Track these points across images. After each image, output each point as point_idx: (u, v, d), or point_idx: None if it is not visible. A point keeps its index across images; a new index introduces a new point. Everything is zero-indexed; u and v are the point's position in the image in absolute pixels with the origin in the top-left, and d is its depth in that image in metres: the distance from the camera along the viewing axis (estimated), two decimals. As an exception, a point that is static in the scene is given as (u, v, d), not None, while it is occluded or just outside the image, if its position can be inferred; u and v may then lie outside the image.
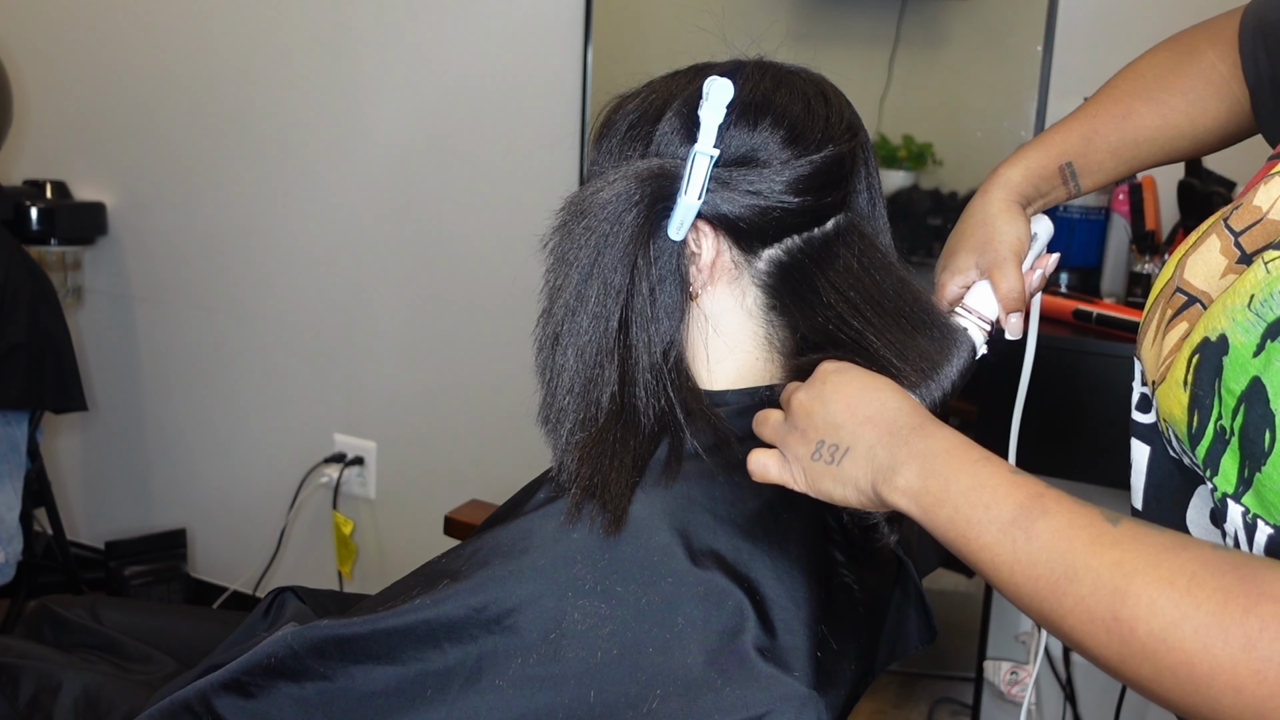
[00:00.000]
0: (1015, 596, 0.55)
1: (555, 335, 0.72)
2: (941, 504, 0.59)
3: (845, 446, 0.65)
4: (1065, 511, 0.54)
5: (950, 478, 0.59)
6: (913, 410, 0.65)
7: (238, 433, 2.33)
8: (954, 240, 0.87)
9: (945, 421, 0.66)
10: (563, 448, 0.72)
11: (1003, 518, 0.55)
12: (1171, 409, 0.60)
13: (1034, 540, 0.54)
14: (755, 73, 0.75)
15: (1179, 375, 0.60)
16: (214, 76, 2.19)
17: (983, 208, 0.86)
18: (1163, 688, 0.48)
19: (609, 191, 0.70)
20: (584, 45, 1.82)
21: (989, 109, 1.63)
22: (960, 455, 0.60)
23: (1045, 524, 0.54)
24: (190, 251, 2.29)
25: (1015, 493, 0.56)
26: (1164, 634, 0.48)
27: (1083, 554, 0.52)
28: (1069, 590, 0.52)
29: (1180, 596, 0.48)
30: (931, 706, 1.90)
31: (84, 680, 0.95)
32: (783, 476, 0.69)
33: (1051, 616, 0.53)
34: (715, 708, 0.62)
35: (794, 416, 0.68)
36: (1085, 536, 0.52)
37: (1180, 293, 0.64)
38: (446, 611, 0.66)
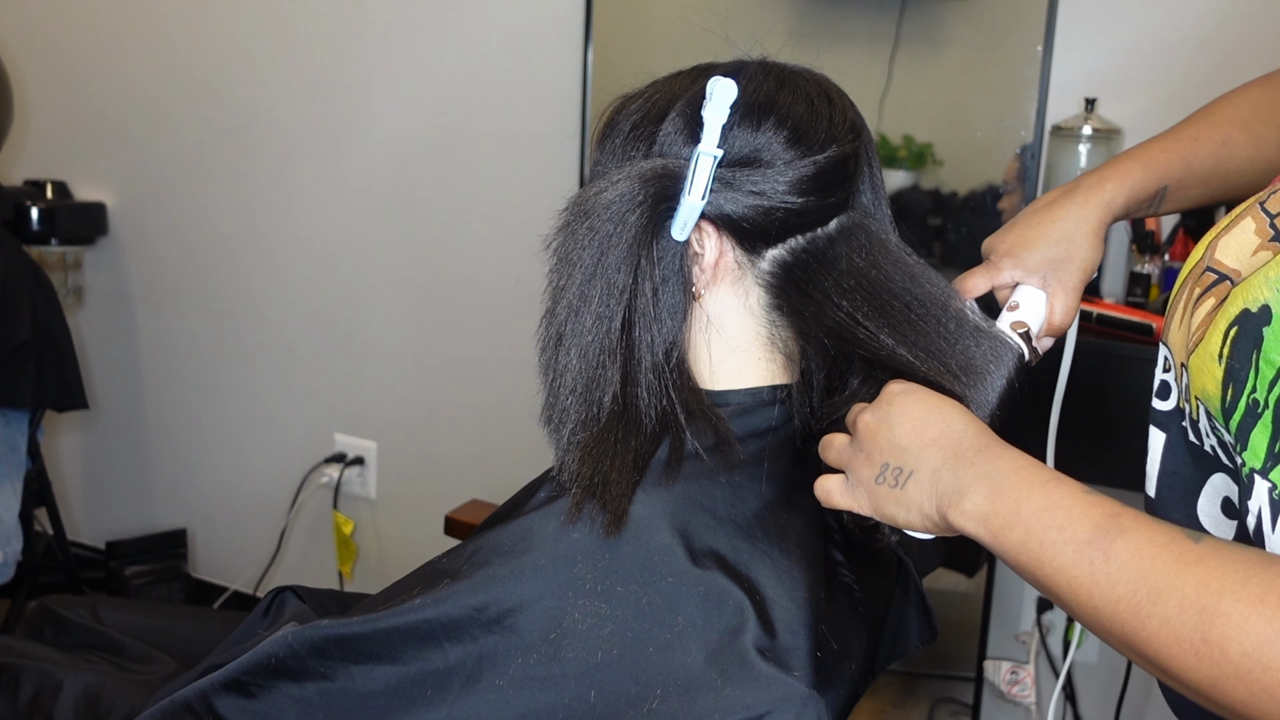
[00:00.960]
0: (1094, 621, 0.53)
1: (558, 335, 0.72)
2: (1012, 527, 0.57)
3: (909, 470, 0.64)
4: (1144, 530, 0.52)
5: (1021, 499, 0.57)
6: (979, 432, 0.63)
7: (238, 433, 2.33)
8: (1028, 234, 0.82)
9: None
10: (564, 447, 0.72)
11: (1078, 538, 0.54)
12: (1205, 384, 0.59)
13: (1113, 561, 0.52)
14: (759, 73, 0.75)
15: (1213, 349, 0.58)
16: (215, 77, 2.19)
17: (1076, 220, 0.81)
18: (1259, 711, 0.47)
19: (612, 192, 0.70)
20: (584, 45, 1.82)
21: (989, 109, 1.63)
22: (1030, 476, 0.58)
23: (1124, 543, 0.52)
24: (191, 251, 2.29)
25: (1091, 512, 0.54)
26: (1258, 654, 0.46)
27: (1166, 573, 0.50)
28: (1153, 612, 0.50)
29: (1272, 613, 0.46)
30: (932, 706, 1.90)
31: (84, 680, 0.95)
32: (846, 501, 0.68)
33: (1134, 641, 0.51)
34: (715, 707, 0.62)
35: (860, 439, 0.67)
36: (1167, 555, 0.50)
37: (1210, 271, 0.63)
38: (447, 611, 0.66)
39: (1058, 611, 1.72)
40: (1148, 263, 1.47)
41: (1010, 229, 0.83)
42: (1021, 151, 1.59)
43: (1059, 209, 0.82)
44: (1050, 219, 0.82)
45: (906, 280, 0.74)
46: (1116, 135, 1.53)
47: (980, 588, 1.71)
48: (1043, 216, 0.82)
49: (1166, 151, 0.83)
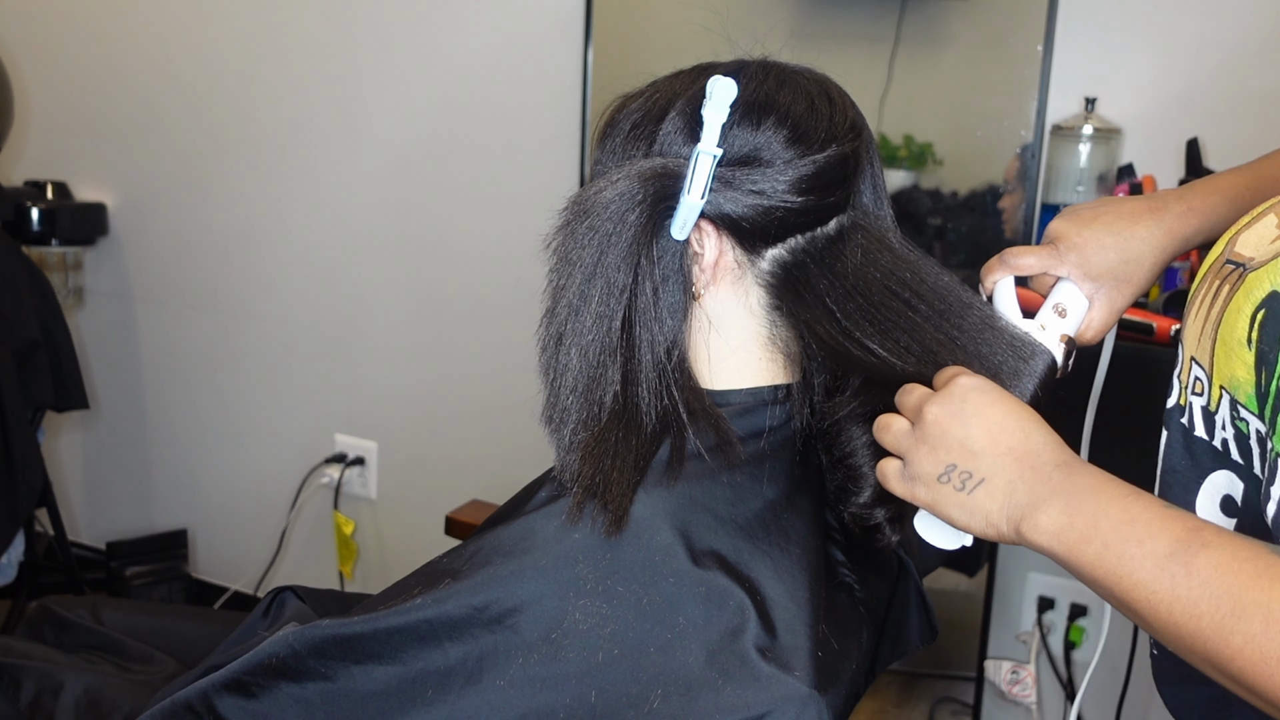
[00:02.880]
0: (1175, 637, 0.52)
1: (559, 335, 0.72)
2: (1089, 540, 0.56)
3: (981, 476, 0.62)
4: (1227, 544, 0.51)
5: (1099, 513, 0.56)
6: (1057, 446, 0.61)
7: (239, 433, 2.33)
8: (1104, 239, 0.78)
9: None
10: (565, 447, 0.72)
11: (1159, 552, 0.52)
12: (1234, 370, 0.58)
13: (1194, 575, 0.51)
14: (759, 72, 0.75)
15: (1240, 334, 0.58)
16: (215, 77, 2.19)
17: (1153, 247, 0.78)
18: None
19: (612, 191, 0.70)
20: (584, 45, 1.82)
21: (989, 109, 1.63)
22: (1108, 491, 0.57)
23: (1206, 557, 0.51)
24: (191, 252, 2.29)
25: (1171, 526, 0.53)
26: None
27: (1250, 588, 0.49)
28: (1237, 628, 0.48)
29: None
30: (932, 706, 1.90)
31: (85, 681, 0.95)
32: (902, 489, 0.66)
33: (1218, 658, 0.50)
34: (716, 707, 0.62)
35: (925, 430, 0.64)
36: (1251, 570, 0.49)
37: (1230, 264, 0.63)
38: (448, 611, 0.66)
39: (1058, 611, 1.72)
40: (1148, 262, 1.47)
41: (1085, 223, 0.79)
42: (1022, 151, 1.59)
43: (1141, 226, 0.78)
44: (1131, 233, 0.78)
45: (909, 278, 0.74)
46: (1116, 135, 1.53)
47: (981, 587, 1.71)
48: (1124, 227, 0.78)
49: (1250, 189, 0.80)
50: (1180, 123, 1.51)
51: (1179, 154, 1.48)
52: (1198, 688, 0.68)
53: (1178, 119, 1.52)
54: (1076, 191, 1.53)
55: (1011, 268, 0.79)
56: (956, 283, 0.74)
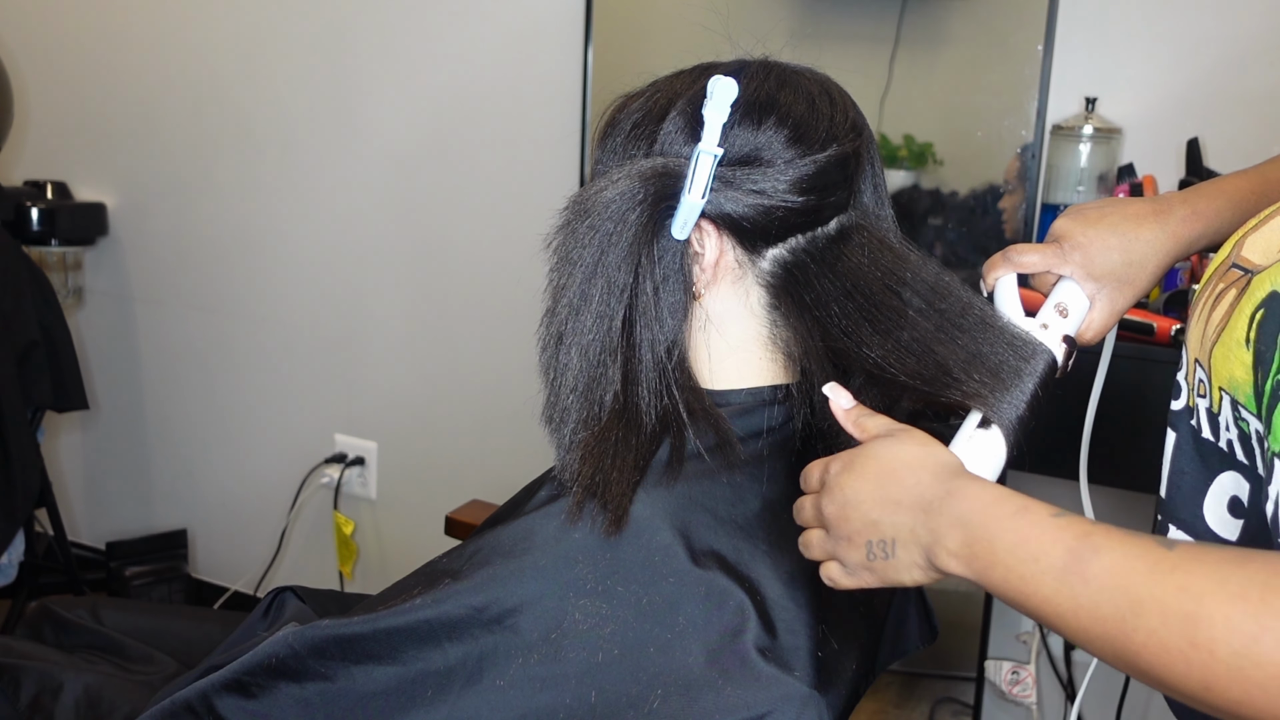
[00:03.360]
0: (1085, 643, 0.54)
1: (559, 334, 0.72)
2: (993, 566, 0.57)
3: (891, 537, 0.63)
4: (1118, 545, 0.52)
5: (994, 539, 0.57)
6: (934, 476, 0.62)
7: (239, 433, 2.33)
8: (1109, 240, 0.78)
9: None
10: (565, 447, 0.72)
11: (1055, 566, 0.54)
12: (1233, 372, 0.59)
13: (1091, 582, 0.52)
14: (760, 72, 0.75)
15: (1239, 334, 0.58)
16: (215, 77, 2.19)
17: (1157, 250, 0.78)
18: (1254, 708, 0.47)
19: (613, 190, 0.70)
20: (584, 45, 1.82)
21: (989, 109, 1.63)
22: (996, 511, 0.58)
23: (1099, 563, 0.52)
24: (191, 252, 2.29)
25: (1062, 537, 0.54)
26: (1247, 651, 0.46)
27: (1144, 585, 0.50)
28: (1138, 625, 0.50)
29: (1256, 609, 0.46)
30: (933, 706, 1.90)
31: (85, 681, 0.95)
32: (853, 583, 0.66)
33: (1125, 656, 0.51)
34: (716, 707, 0.62)
35: (833, 528, 0.65)
36: (1142, 566, 0.51)
37: (1236, 268, 0.63)
38: (448, 611, 0.66)
39: (1058, 611, 1.72)
40: (1148, 262, 1.47)
41: (1090, 223, 0.79)
42: (1022, 151, 1.59)
43: (1146, 228, 0.78)
44: (1135, 235, 0.78)
45: (909, 277, 0.74)
46: (1117, 135, 1.53)
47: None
48: (1129, 228, 0.78)
49: (1256, 193, 0.80)
50: (1180, 123, 1.50)
51: (1179, 154, 1.48)
52: None
53: (1178, 119, 1.52)
54: (1077, 191, 1.53)
55: (1015, 265, 0.79)
56: (957, 282, 0.74)
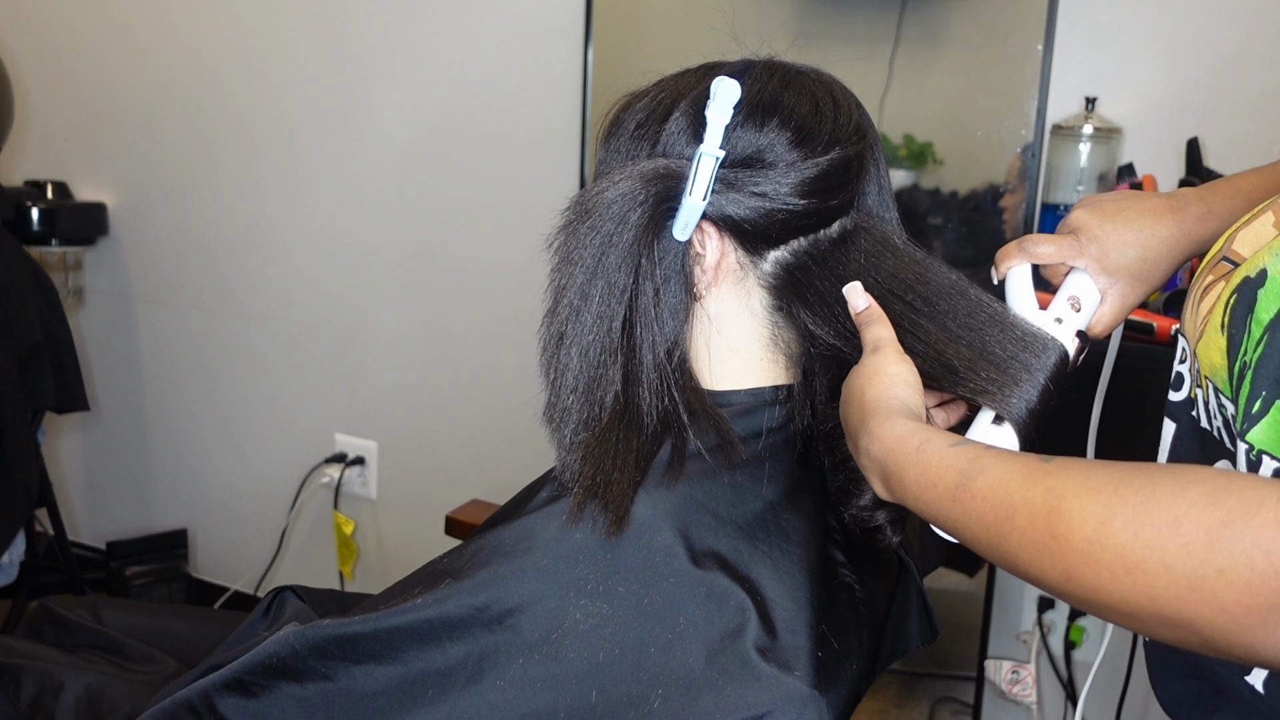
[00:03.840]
0: (979, 551, 0.58)
1: (559, 335, 0.72)
2: (905, 495, 0.63)
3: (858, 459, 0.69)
4: (1002, 464, 0.57)
5: (902, 473, 0.62)
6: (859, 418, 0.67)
7: (239, 433, 2.33)
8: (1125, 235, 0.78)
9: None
10: (566, 447, 0.72)
11: (950, 487, 0.58)
12: (1213, 358, 0.61)
13: (976, 496, 0.56)
14: (764, 73, 0.74)
15: (1217, 321, 0.60)
16: (215, 77, 2.19)
17: (1171, 246, 0.78)
18: (1105, 592, 0.50)
19: (614, 191, 0.70)
20: (584, 45, 1.82)
21: (989, 109, 1.63)
22: (902, 448, 0.63)
23: (984, 479, 0.56)
24: (191, 252, 2.29)
25: (955, 462, 0.59)
26: (1097, 535, 0.49)
27: (1019, 491, 0.54)
28: (1012, 527, 0.54)
29: (1108, 499, 0.50)
30: (933, 706, 1.90)
31: (86, 680, 0.95)
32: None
33: (1004, 557, 0.55)
34: (717, 708, 0.62)
35: None
36: (1019, 477, 0.55)
37: (1225, 261, 0.64)
38: (448, 611, 0.66)
39: (1059, 611, 1.72)
40: (1148, 262, 1.47)
41: (1108, 216, 0.78)
42: (1022, 151, 1.59)
43: (1162, 225, 0.78)
44: (1152, 232, 0.78)
45: (912, 279, 0.74)
46: (1117, 134, 1.53)
47: (981, 587, 1.71)
48: (1147, 224, 0.78)
49: (1271, 193, 0.78)
50: (1180, 122, 1.51)
51: (1179, 153, 1.48)
52: (1186, 681, 0.69)
53: (1178, 119, 1.52)
54: (1077, 191, 1.53)
55: (1030, 255, 0.79)
56: (966, 282, 0.74)
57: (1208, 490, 0.47)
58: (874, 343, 0.70)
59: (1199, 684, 0.67)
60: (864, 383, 0.69)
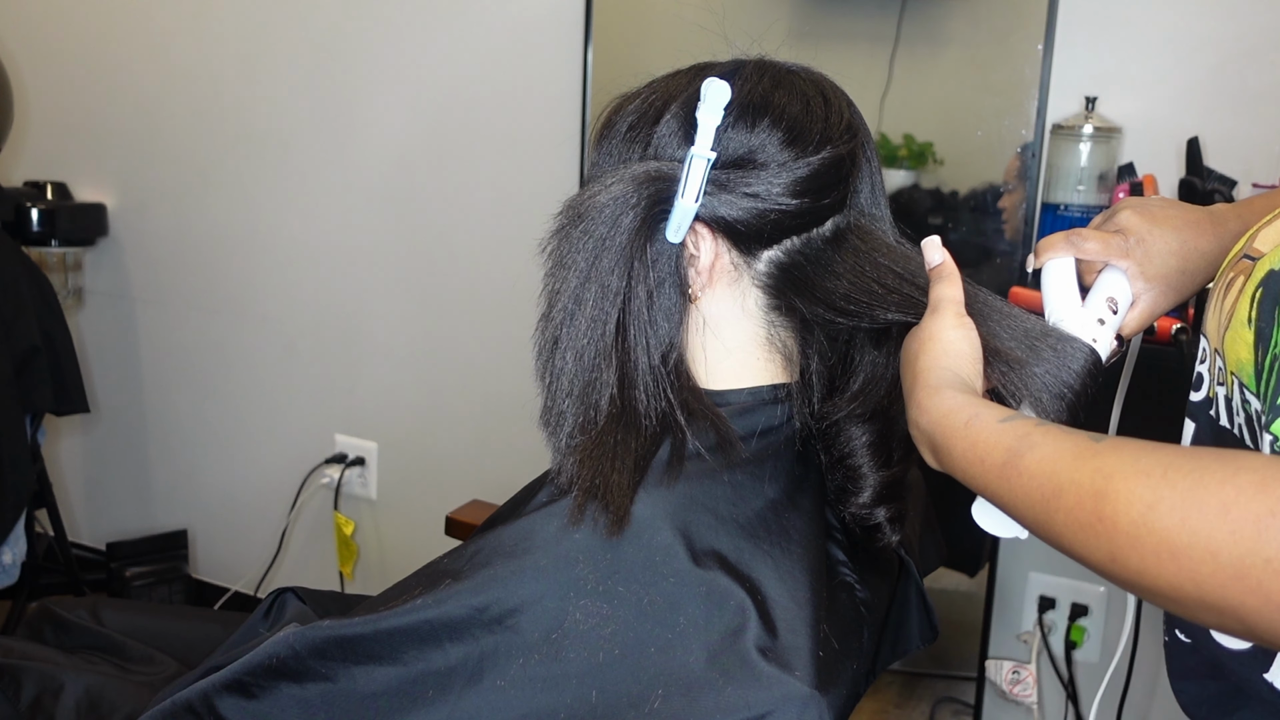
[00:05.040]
0: (1027, 527, 0.59)
1: (554, 339, 0.72)
2: (953, 468, 0.63)
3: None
4: (1051, 440, 0.57)
5: (950, 447, 0.63)
6: (910, 384, 0.68)
7: (239, 434, 2.33)
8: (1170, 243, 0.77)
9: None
10: (562, 450, 0.72)
11: (997, 464, 0.59)
12: (1239, 353, 0.61)
13: (1024, 474, 0.57)
14: (754, 73, 0.74)
15: (1243, 315, 0.60)
16: (215, 78, 2.19)
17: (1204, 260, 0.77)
18: (1150, 575, 0.49)
19: (606, 195, 0.70)
20: (584, 45, 1.82)
21: (989, 109, 1.63)
22: (950, 423, 0.63)
23: (1033, 456, 0.57)
24: (191, 252, 2.29)
25: (1003, 439, 0.59)
26: (1143, 519, 0.49)
27: (1067, 471, 0.54)
28: (1058, 506, 0.54)
29: (1156, 482, 0.49)
30: (933, 706, 1.90)
31: (86, 681, 0.95)
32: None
33: (1050, 535, 0.56)
34: (717, 707, 0.62)
35: None
36: (1068, 456, 0.55)
37: (1246, 258, 0.65)
38: (448, 611, 0.66)
39: (1059, 611, 1.72)
40: (1148, 262, 1.47)
41: (1155, 221, 0.78)
42: (1022, 150, 1.59)
43: (1204, 238, 0.77)
44: (1195, 245, 0.77)
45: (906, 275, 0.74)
46: (1117, 134, 1.53)
47: (982, 587, 1.71)
48: (1190, 236, 0.77)
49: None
50: (1180, 122, 1.50)
51: (1179, 153, 1.48)
52: (1205, 682, 0.69)
53: (1178, 118, 1.51)
54: (1077, 191, 1.53)
55: (1078, 250, 0.78)
56: None
57: (1257, 478, 0.46)
58: (935, 303, 0.70)
59: (1218, 685, 0.67)
60: (918, 347, 0.69)
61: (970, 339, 0.68)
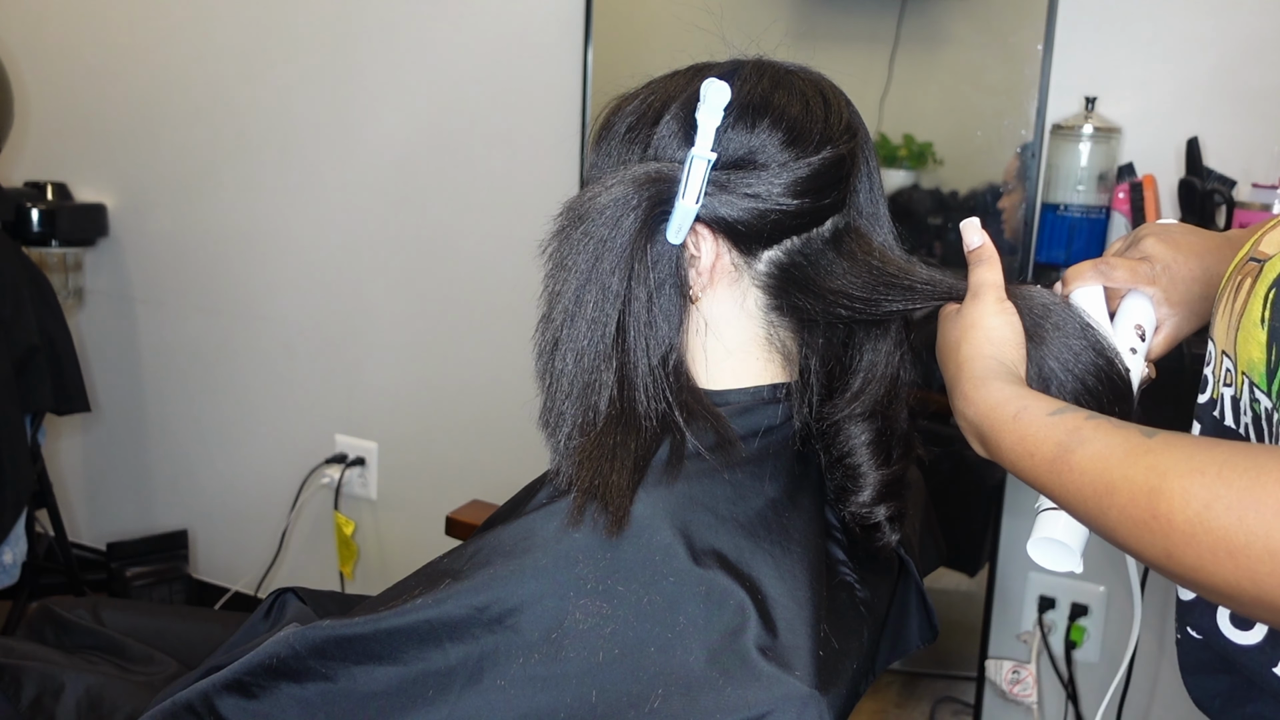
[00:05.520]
0: (1080, 520, 0.59)
1: (554, 340, 0.72)
2: (1002, 460, 0.64)
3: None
4: (1102, 435, 0.57)
5: (999, 439, 0.63)
6: (954, 373, 0.68)
7: (239, 434, 2.33)
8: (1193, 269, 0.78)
9: None
10: (561, 451, 0.72)
11: (1047, 458, 0.59)
12: (1251, 353, 0.61)
13: (1075, 470, 0.57)
14: (753, 73, 0.74)
15: (1255, 316, 0.61)
16: (215, 78, 2.19)
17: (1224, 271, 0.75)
18: (1206, 572, 0.50)
19: (606, 196, 0.70)
20: (584, 45, 1.82)
21: (989, 109, 1.63)
22: (999, 415, 0.63)
23: (1084, 452, 0.57)
24: (191, 252, 2.29)
25: (1053, 433, 0.59)
26: (1199, 517, 0.49)
27: (1119, 468, 0.54)
28: (1112, 503, 0.54)
29: (1212, 480, 0.49)
30: (933, 706, 1.90)
31: (86, 681, 0.95)
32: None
33: (1104, 530, 0.56)
34: (717, 707, 0.62)
35: None
36: (1120, 452, 0.55)
37: (1253, 261, 0.65)
38: (448, 611, 0.66)
39: (1059, 611, 1.72)
40: (1148, 262, 1.47)
41: (1179, 249, 0.79)
42: (1022, 150, 1.59)
43: (1223, 264, 0.77)
44: (1216, 271, 0.78)
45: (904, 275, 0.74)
46: (1116, 134, 1.53)
47: (982, 587, 1.71)
48: (1211, 262, 0.78)
49: None
50: (1180, 122, 1.50)
51: (1179, 153, 1.48)
52: (1218, 677, 0.70)
53: (1177, 118, 1.52)
54: (1077, 191, 1.53)
55: (1106, 277, 0.78)
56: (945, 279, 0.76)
57: None
58: (975, 287, 0.71)
59: (1230, 678, 0.68)
60: (959, 335, 0.69)
61: (1013, 324, 0.69)
